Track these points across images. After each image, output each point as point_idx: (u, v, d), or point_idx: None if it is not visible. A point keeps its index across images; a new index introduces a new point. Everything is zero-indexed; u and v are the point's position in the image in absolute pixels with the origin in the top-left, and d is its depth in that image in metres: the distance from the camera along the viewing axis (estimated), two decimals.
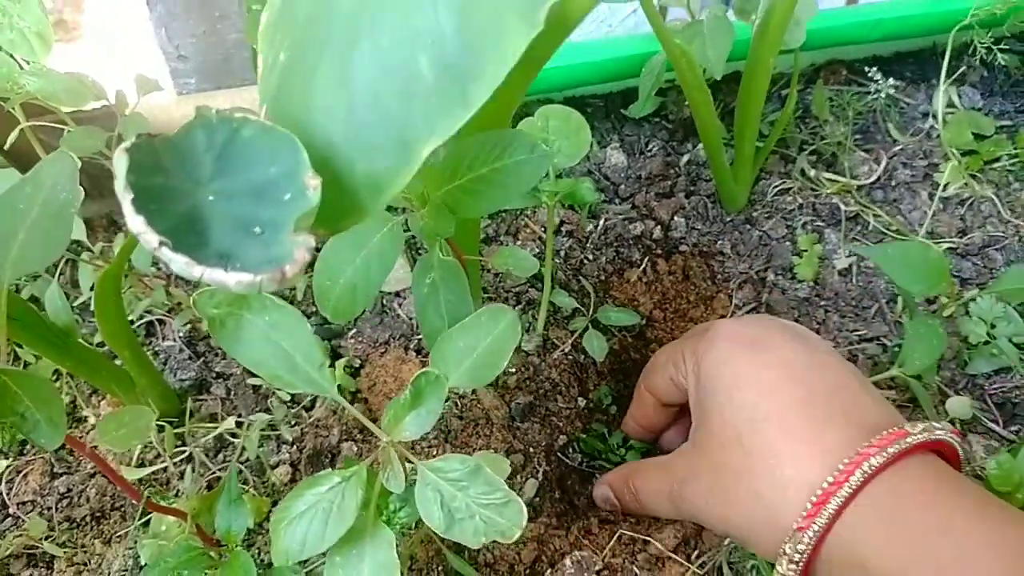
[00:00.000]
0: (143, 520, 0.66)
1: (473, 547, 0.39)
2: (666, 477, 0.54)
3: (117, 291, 0.54)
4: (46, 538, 0.66)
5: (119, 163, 0.32)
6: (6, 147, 0.64)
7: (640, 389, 0.64)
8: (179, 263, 0.31)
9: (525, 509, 0.37)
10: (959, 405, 0.69)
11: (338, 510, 0.38)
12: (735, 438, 0.47)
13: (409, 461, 0.40)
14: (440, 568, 0.62)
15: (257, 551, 0.65)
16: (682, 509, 0.53)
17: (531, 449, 0.71)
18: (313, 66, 0.36)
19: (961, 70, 1.02)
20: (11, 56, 0.60)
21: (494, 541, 0.38)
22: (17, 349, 0.77)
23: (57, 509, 0.68)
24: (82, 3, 0.83)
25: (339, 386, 0.56)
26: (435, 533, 0.39)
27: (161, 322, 0.79)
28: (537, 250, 0.86)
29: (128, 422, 0.46)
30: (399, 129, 0.35)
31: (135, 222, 0.31)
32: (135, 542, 0.66)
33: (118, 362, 0.68)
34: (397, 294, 0.81)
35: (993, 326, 0.76)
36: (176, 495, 0.69)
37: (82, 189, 0.43)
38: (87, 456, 0.51)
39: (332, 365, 0.72)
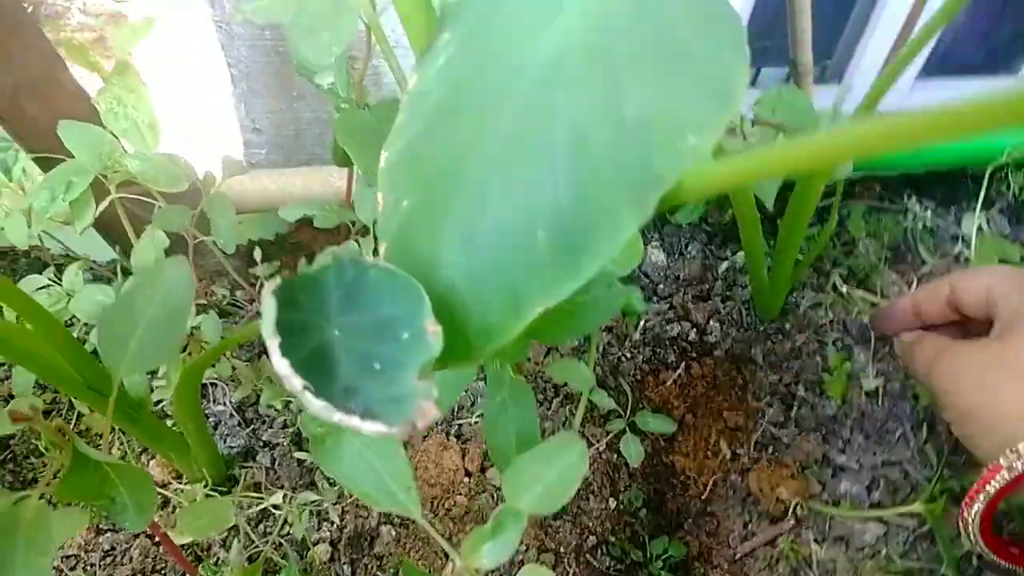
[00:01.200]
0: None
1: None
2: (940, 341, 0.60)
3: (200, 377, 0.57)
4: None
5: (268, 305, 0.35)
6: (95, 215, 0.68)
7: (939, 283, 0.65)
8: (318, 407, 0.34)
9: None
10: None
11: None
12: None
13: None
14: None
15: None
16: (934, 369, 0.57)
17: (562, 549, 0.73)
18: (439, 222, 0.39)
19: (990, 196, 1.07)
20: (113, 136, 0.64)
21: None
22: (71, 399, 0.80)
23: (100, 567, 0.70)
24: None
25: None
26: None
27: (214, 385, 0.82)
28: (577, 343, 0.89)
29: (209, 512, 0.48)
30: (514, 290, 0.38)
31: (281, 366, 0.34)
32: None
33: (170, 423, 0.71)
34: None
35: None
36: (216, 562, 0.71)
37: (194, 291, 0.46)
38: (154, 531, 0.53)
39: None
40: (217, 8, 0.75)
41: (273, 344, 0.35)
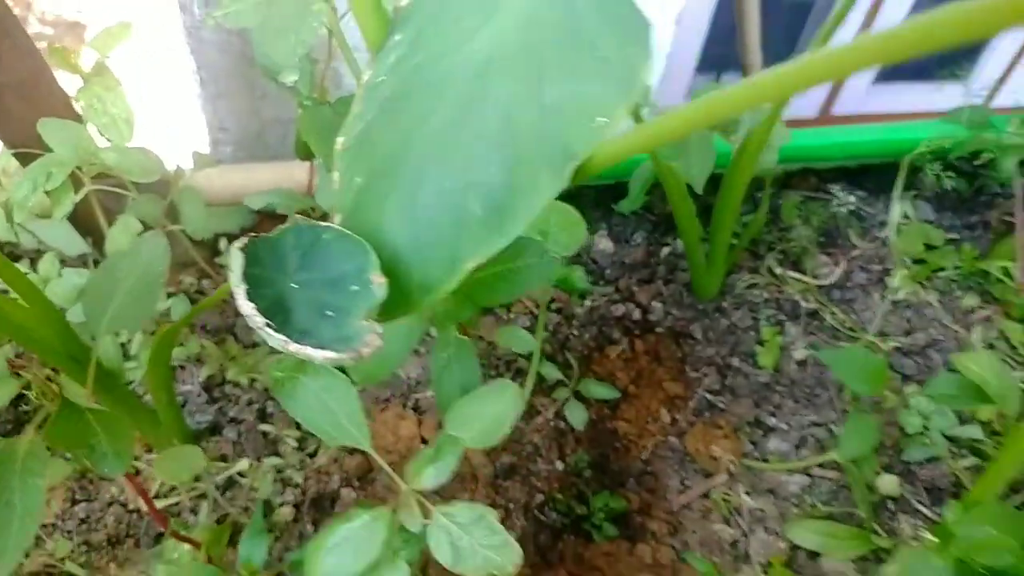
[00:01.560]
0: (157, 549, 0.73)
1: None
2: None
3: (171, 348, 0.62)
4: (65, 559, 0.73)
5: (236, 259, 0.41)
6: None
7: None
8: (277, 340, 0.40)
9: (520, 551, 0.45)
10: (888, 483, 0.79)
11: (366, 544, 0.46)
12: None
13: (423, 507, 0.48)
14: None
15: None
16: None
17: (511, 505, 0.79)
18: (387, 194, 0.46)
19: (917, 186, 1.15)
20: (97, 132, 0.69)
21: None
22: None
23: (77, 533, 0.75)
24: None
25: None
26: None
27: (183, 367, 0.87)
28: (528, 323, 0.95)
29: (182, 458, 0.54)
30: (451, 250, 0.45)
31: (246, 307, 0.40)
32: (148, 566, 0.72)
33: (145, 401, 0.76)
34: None
35: (928, 419, 0.85)
36: (186, 527, 0.76)
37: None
38: (128, 481, 0.58)
39: None
40: (187, 14, 0.80)
41: (240, 291, 0.41)
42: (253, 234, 0.45)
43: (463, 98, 0.48)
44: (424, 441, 0.83)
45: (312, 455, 0.81)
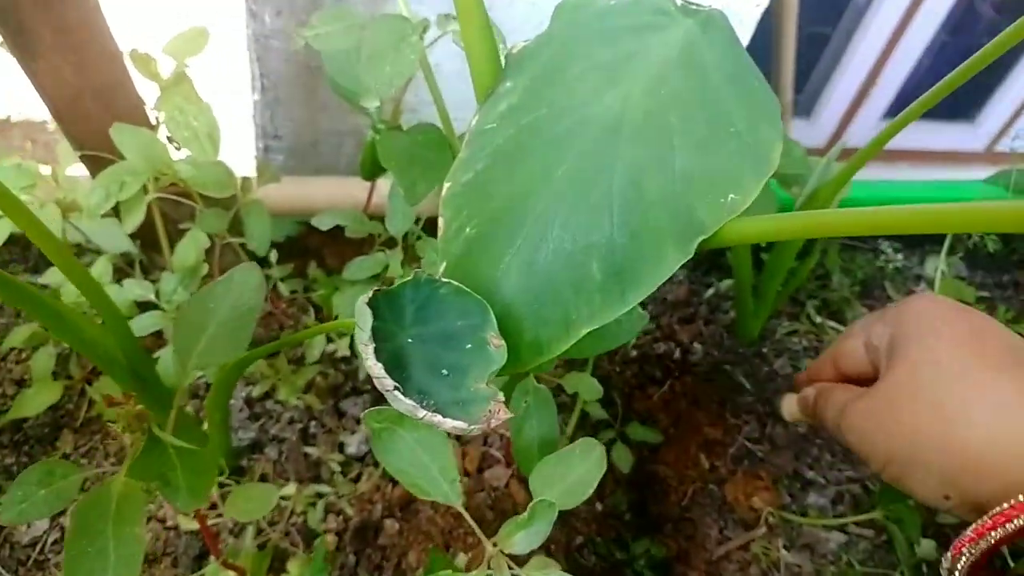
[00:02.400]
0: (199, 574, 0.71)
1: None
2: (846, 394, 0.53)
3: (241, 372, 0.61)
4: None
5: (364, 316, 0.41)
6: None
7: (823, 356, 0.62)
8: (406, 405, 0.39)
9: None
10: (926, 547, 0.79)
11: None
12: (912, 371, 0.47)
13: (511, 567, 0.48)
14: None
15: None
16: (843, 423, 0.51)
17: (552, 546, 0.78)
18: (503, 248, 0.45)
19: (952, 243, 1.16)
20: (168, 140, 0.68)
21: None
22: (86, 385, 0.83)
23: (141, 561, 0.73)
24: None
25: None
26: None
27: None
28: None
29: (255, 496, 0.52)
30: (567, 313, 0.44)
31: (376, 369, 0.39)
32: None
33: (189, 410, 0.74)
34: None
35: None
36: (231, 551, 0.74)
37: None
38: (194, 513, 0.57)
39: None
40: (258, 22, 0.79)
41: (369, 349, 0.40)
42: (377, 288, 0.44)
43: (588, 157, 0.47)
44: (467, 474, 0.82)
45: (355, 480, 0.80)
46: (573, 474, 0.52)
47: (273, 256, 0.90)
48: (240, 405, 0.84)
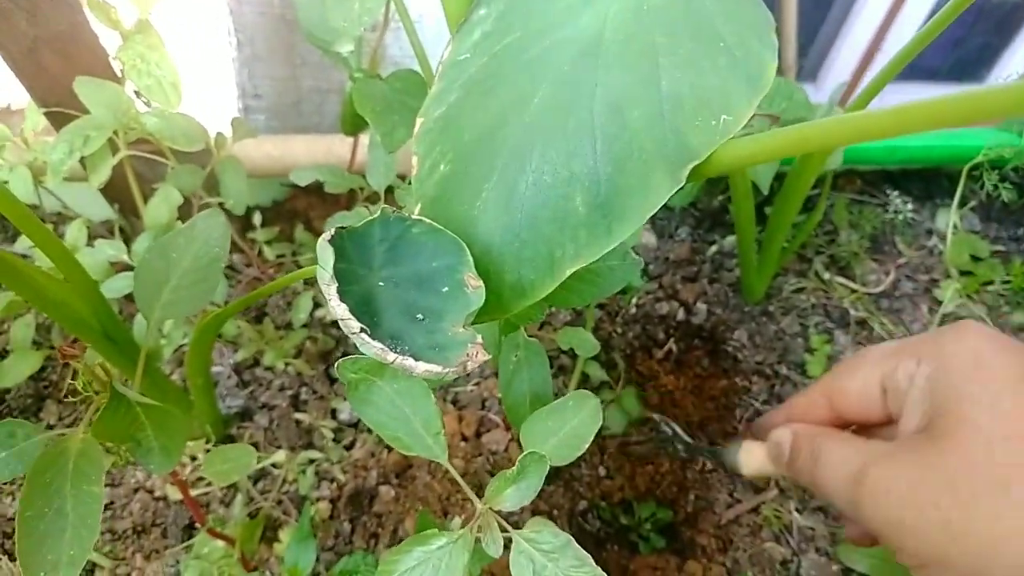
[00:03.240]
0: (187, 544, 0.69)
1: None
2: (860, 452, 0.41)
3: (217, 331, 0.58)
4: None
5: (326, 254, 0.37)
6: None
7: (814, 390, 0.48)
8: (374, 348, 0.36)
9: None
10: None
11: (446, 569, 0.43)
12: (987, 449, 0.35)
13: (504, 529, 0.45)
14: None
15: None
16: (860, 497, 0.39)
17: (555, 512, 0.76)
18: (478, 184, 0.41)
19: (963, 194, 1.11)
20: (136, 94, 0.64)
21: None
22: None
23: (101, 519, 0.71)
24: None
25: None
26: None
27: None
28: (568, 318, 0.91)
29: (233, 458, 0.50)
30: (551, 250, 0.40)
31: (340, 310, 0.36)
32: (176, 561, 0.69)
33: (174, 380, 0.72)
34: None
35: None
36: (218, 520, 0.72)
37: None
38: (171, 478, 0.55)
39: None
40: None
41: (331, 289, 0.37)
42: (340, 226, 0.41)
43: (566, 83, 0.43)
44: (464, 438, 0.79)
45: (348, 447, 0.77)
46: (566, 427, 0.49)
47: (257, 219, 0.87)
48: (228, 372, 0.81)
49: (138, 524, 0.71)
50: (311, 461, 0.75)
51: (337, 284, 0.36)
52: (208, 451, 0.74)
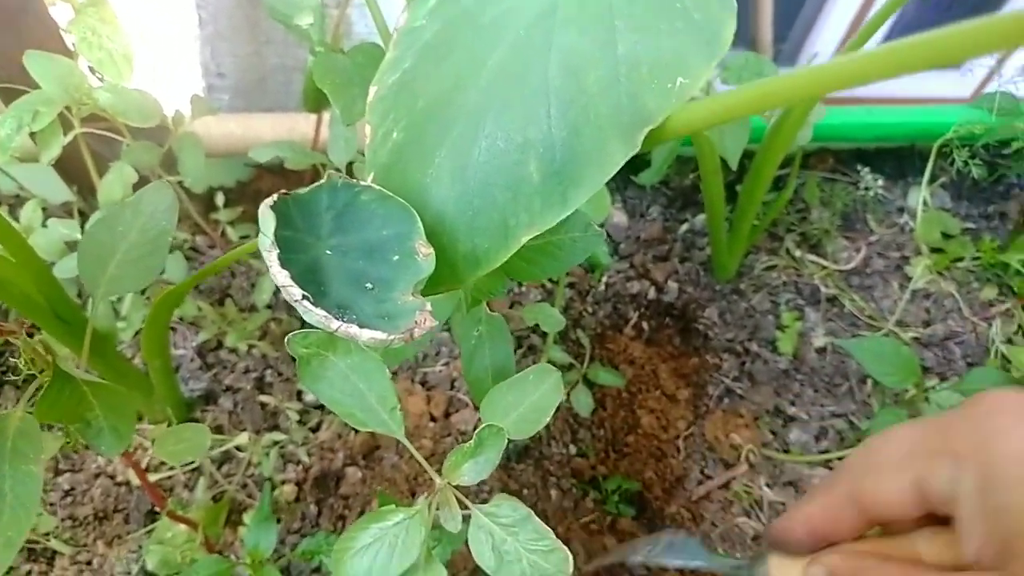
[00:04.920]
0: (149, 528, 0.68)
1: None
2: None
3: (172, 309, 0.56)
4: (49, 535, 0.67)
5: (267, 220, 0.36)
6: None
7: (834, 492, 0.42)
8: (316, 316, 0.35)
9: (571, 558, 0.42)
10: None
11: (403, 545, 0.42)
12: None
13: (463, 505, 0.44)
14: None
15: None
16: None
17: (525, 490, 0.75)
18: (432, 151, 0.40)
19: (934, 172, 1.12)
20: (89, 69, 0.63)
21: None
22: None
23: (61, 506, 0.70)
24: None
25: None
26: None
27: (173, 329, 0.81)
28: (540, 297, 0.91)
29: (186, 438, 0.49)
30: (504, 218, 0.39)
31: (281, 276, 0.35)
32: (139, 546, 0.68)
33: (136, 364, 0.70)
34: None
35: None
36: (181, 504, 0.71)
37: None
38: (125, 460, 0.53)
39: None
40: None
41: (272, 255, 0.35)
42: (284, 191, 0.39)
43: (521, 47, 0.42)
44: (433, 419, 0.78)
45: (315, 430, 0.76)
46: (527, 401, 0.48)
47: (220, 199, 0.85)
48: (191, 355, 0.79)
49: (99, 510, 0.70)
50: (276, 443, 0.74)
51: (279, 251, 0.35)
52: None
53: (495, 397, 0.48)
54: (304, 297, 0.35)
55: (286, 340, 0.43)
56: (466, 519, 0.45)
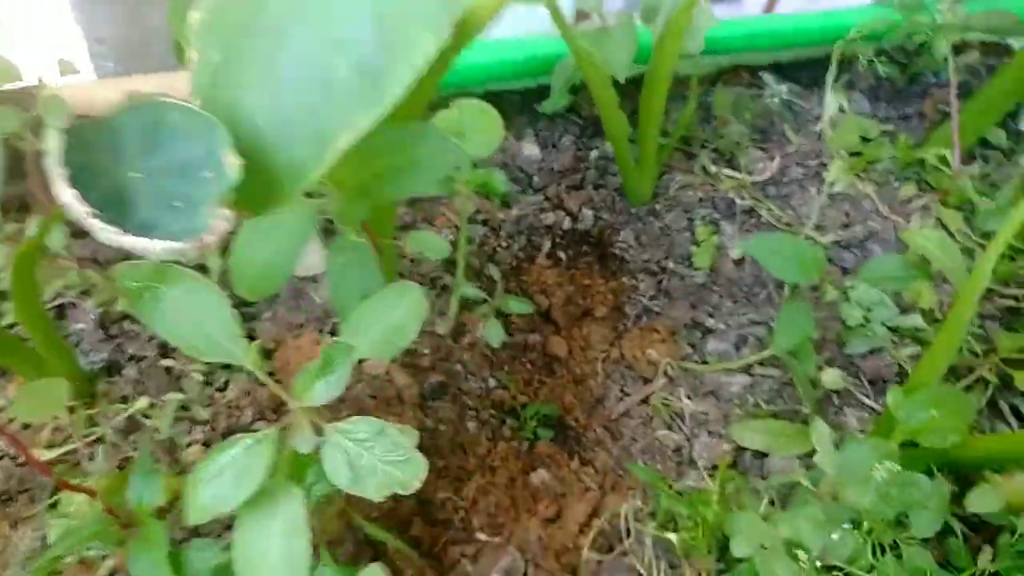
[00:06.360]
0: (52, 501, 0.66)
1: (376, 499, 0.42)
2: None
3: (32, 271, 0.54)
4: None
5: (53, 142, 0.35)
6: None
7: None
8: (107, 233, 0.34)
9: (425, 463, 0.41)
10: (831, 377, 0.76)
11: (248, 470, 0.41)
12: None
13: (318, 426, 0.43)
14: (352, 538, 0.65)
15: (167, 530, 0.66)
16: None
17: (441, 427, 0.74)
18: (244, 67, 0.39)
19: (851, 78, 1.11)
20: None
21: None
22: None
23: None
24: None
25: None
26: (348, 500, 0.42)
27: (74, 304, 0.79)
28: (452, 237, 0.89)
29: (43, 393, 0.47)
30: (318, 123, 0.38)
31: (66, 195, 0.33)
32: (44, 524, 0.66)
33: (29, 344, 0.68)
34: (313, 279, 0.83)
35: (869, 310, 0.83)
36: (87, 477, 0.69)
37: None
38: (12, 444, 0.52)
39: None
40: None
41: (58, 175, 0.34)
42: (79, 115, 0.37)
43: None
44: None
45: (222, 389, 0.75)
46: (386, 320, 0.47)
47: None
48: (91, 328, 0.77)
49: (2, 492, 0.68)
50: (181, 407, 0.72)
51: (68, 171, 0.34)
52: (71, 410, 0.71)
53: (356, 317, 0.47)
54: (92, 215, 0.33)
55: (116, 271, 0.41)
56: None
